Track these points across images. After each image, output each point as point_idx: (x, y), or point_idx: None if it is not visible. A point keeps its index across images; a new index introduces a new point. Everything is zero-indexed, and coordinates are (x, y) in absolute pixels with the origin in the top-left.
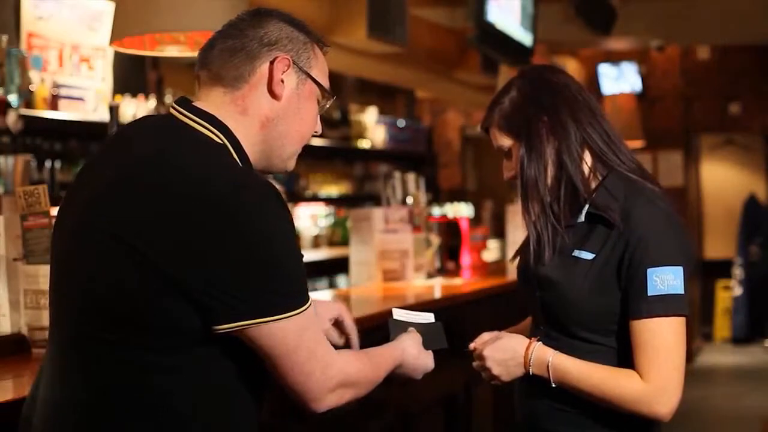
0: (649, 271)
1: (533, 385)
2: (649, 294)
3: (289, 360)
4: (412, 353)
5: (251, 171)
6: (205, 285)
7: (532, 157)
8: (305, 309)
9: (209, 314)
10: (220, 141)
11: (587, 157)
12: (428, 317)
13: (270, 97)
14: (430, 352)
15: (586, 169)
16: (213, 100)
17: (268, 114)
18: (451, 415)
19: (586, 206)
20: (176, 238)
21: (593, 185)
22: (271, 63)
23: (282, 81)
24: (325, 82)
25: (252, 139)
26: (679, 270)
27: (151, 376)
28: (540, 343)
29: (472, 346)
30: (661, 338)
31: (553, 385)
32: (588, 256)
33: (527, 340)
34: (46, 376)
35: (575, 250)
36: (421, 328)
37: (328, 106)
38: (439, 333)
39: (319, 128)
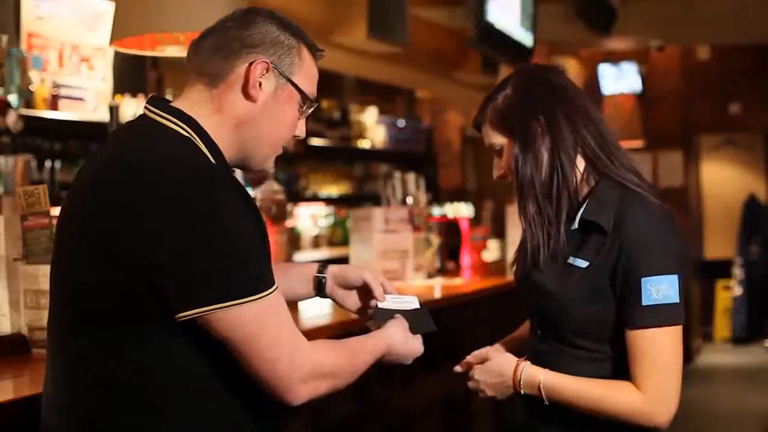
0: (644, 280)
1: None
2: (643, 304)
3: (250, 347)
4: (399, 340)
5: (208, 159)
6: (162, 274)
7: (527, 157)
8: (266, 295)
9: (170, 303)
10: (186, 134)
11: (579, 162)
12: (413, 302)
13: (245, 99)
14: (418, 336)
15: (578, 174)
16: (192, 96)
17: (242, 115)
18: (451, 416)
19: (580, 212)
20: (130, 229)
21: (585, 190)
22: (249, 65)
23: (259, 84)
24: (309, 88)
25: (226, 137)
26: (674, 278)
27: (129, 370)
28: (528, 362)
29: (458, 368)
30: (657, 348)
31: (546, 403)
32: (582, 264)
33: (515, 361)
34: (47, 374)
35: (570, 257)
36: (407, 314)
37: (310, 110)
38: (426, 317)
39: (301, 132)
